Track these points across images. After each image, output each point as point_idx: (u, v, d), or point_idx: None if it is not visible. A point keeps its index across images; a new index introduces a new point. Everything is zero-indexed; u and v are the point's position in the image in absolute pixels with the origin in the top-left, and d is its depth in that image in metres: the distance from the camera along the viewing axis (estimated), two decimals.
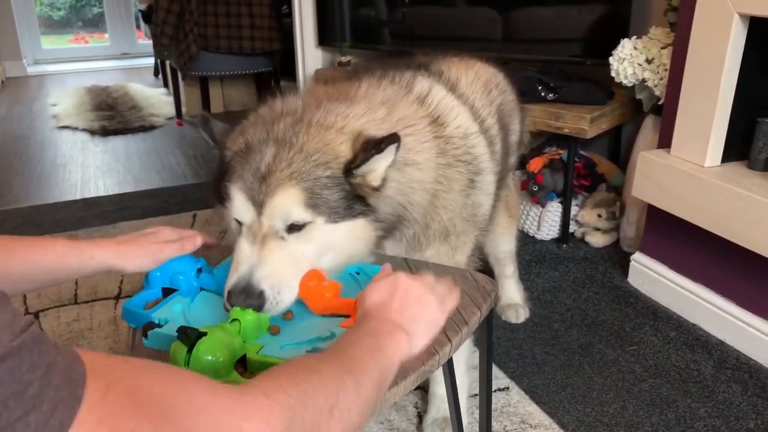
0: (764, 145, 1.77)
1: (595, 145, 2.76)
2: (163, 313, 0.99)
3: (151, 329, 0.95)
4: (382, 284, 0.88)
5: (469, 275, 1.17)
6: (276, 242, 1.01)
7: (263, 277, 0.97)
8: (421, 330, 0.84)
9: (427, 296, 0.87)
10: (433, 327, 0.86)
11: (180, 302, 1.02)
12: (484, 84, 1.51)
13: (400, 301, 0.85)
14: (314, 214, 1.01)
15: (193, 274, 1.07)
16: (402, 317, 0.83)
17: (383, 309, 0.84)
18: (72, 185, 3.40)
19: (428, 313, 0.86)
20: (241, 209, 1.02)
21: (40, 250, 0.95)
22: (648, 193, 1.98)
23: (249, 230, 1.02)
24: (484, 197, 1.35)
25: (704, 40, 1.77)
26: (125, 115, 4.71)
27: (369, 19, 3.44)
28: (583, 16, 2.50)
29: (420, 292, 0.87)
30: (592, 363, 1.81)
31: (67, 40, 7.82)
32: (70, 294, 2.19)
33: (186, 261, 1.09)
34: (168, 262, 1.07)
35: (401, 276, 0.88)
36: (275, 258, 1.00)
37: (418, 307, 0.85)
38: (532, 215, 2.55)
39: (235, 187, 1.03)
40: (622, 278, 2.25)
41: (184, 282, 1.06)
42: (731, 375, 1.75)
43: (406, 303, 0.85)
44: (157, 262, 1.04)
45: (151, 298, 1.06)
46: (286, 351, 0.89)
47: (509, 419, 1.59)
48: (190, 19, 3.91)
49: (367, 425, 1.56)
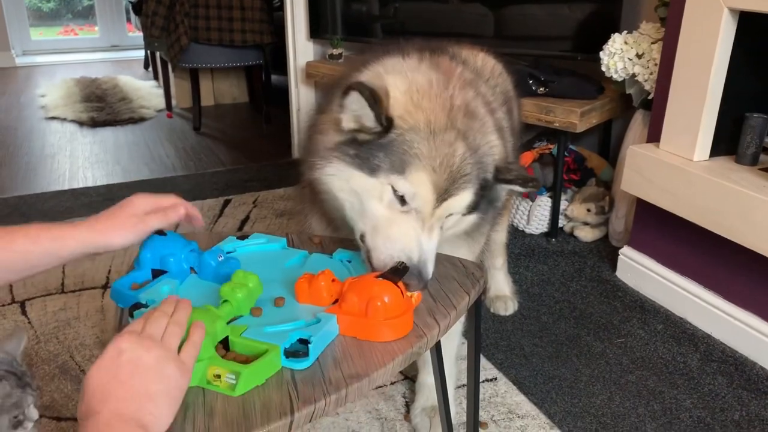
0: (752, 139, 1.78)
1: (585, 139, 2.77)
2: (150, 294, 0.99)
3: (137, 309, 0.94)
4: (105, 360, 0.73)
5: (458, 262, 1.17)
6: (438, 231, 1.08)
7: (432, 266, 1.05)
8: (162, 408, 0.72)
9: (162, 365, 0.74)
10: (177, 397, 0.75)
11: (168, 284, 1.02)
12: (492, 72, 1.52)
13: (127, 383, 0.71)
14: (466, 208, 1.10)
15: (183, 257, 1.07)
16: (137, 404, 0.70)
17: (110, 397, 0.70)
18: (60, 176, 3.37)
19: (169, 386, 0.73)
20: (425, 199, 1.04)
21: (11, 235, 0.92)
22: (636, 186, 1.99)
23: (418, 214, 1.05)
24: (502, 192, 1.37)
25: (694, 35, 1.78)
26: (114, 106, 4.68)
27: (361, 13, 3.43)
28: (574, 11, 2.51)
29: (152, 362, 0.73)
30: (580, 355, 1.82)
31: (56, 32, 7.76)
32: (57, 283, 2.17)
33: (177, 243, 1.08)
34: (159, 244, 1.07)
35: (123, 345, 0.74)
36: (436, 246, 1.07)
37: (155, 382, 0.72)
38: (521, 209, 2.56)
39: (423, 175, 1.03)
40: (610, 272, 2.26)
41: (173, 264, 1.06)
42: (717, 367, 1.76)
43: (138, 382, 0.72)
44: (143, 234, 1.01)
45: (140, 279, 1.05)
46: (270, 334, 0.89)
47: (496, 409, 1.59)
48: (180, 11, 3.89)
49: (354, 414, 1.56)
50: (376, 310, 0.91)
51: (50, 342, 1.85)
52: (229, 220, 2.74)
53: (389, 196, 1.05)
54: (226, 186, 3.14)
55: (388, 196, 1.05)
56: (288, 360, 0.86)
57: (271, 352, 0.84)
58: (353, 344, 0.91)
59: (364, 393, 0.86)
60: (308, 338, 0.87)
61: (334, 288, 0.98)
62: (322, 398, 0.80)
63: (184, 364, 0.77)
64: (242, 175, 3.30)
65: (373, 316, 0.91)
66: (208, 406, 0.79)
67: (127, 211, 1.01)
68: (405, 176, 1.03)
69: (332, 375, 0.84)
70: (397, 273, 0.98)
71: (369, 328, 0.92)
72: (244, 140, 4.03)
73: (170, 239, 1.08)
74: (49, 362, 1.75)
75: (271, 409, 0.78)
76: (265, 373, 0.83)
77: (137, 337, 0.76)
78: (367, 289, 0.93)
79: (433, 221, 1.06)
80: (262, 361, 0.83)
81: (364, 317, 0.92)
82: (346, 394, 0.82)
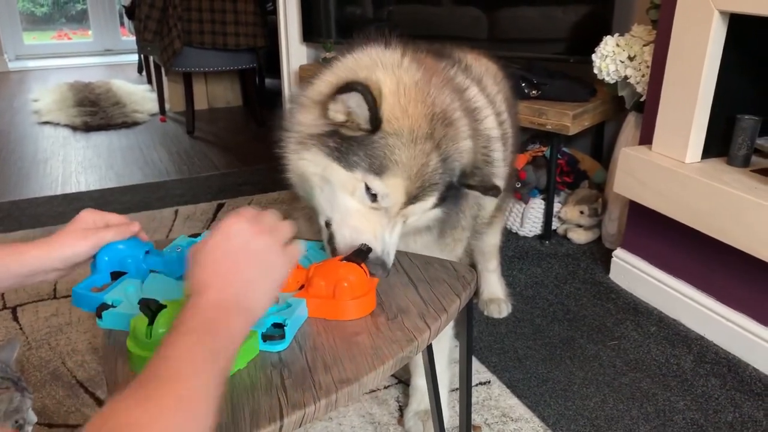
0: (743, 141, 1.78)
1: (578, 142, 2.78)
2: (115, 294, 0.99)
3: (105, 310, 0.95)
4: (214, 242, 0.77)
5: (449, 265, 1.17)
6: (400, 226, 1.14)
7: (393, 256, 1.12)
8: (263, 293, 0.78)
9: (268, 250, 0.78)
10: (276, 284, 0.80)
11: (132, 284, 1.03)
12: (493, 78, 1.52)
13: (233, 268, 0.76)
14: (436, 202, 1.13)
15: (142, 257, 1.07)
16: (236, 288, 0.75)
17: (215, 283, 0.75)
18: (53, 181, 3.36)
19: (271, 272, 0.78)
20: (395, 201, 1.09)
21: None
22: (629, 189, 1.99)
23: (386, 211, 1.10)
24: (489, 201, 1.37)
25: (685, 37, 1.78)
26: (108, 111, 4.67)
27: (354, 16, 3.43)
28: (567, 14, 2.51)
29: (260, 246, 0.78)
30: (574, 357, 1.82)
31: (50, 37, 7.75)
32: (49, 289, 2.16)
33: (133, 245, 1.08)
34: (115, 247, 1.06)
35: (235, 226, 0.78)
36: (397, 239, 1.14)
37: (258, 267, 0.77)
38: (515, 212, 2.56)
39: (399, 181, 1.07)
40: (603, 274, 2.26)
41: (132, 264, 1.06)
42: (710, 369, 1.76)
43: (243, 264, 0.76)
44: (97, 243, 1.00)
45: (98, 282, 1.05)
46: None
47: (490, 413, 1.59)
48: (173, 15, 3.88)
49: (348, 419, 1.55)
50: (343, 291, 0.97)
51: (42, 348, 1.84)
52: None
53: (361, 191, 1.09)
54: (220, 190, 3.14)
55: (360, 191, 1.09)
56: (266, 344, 0.90)
57: (250, 336, 0.88)
58: (344, 348, 0.91)
59: (354, 397, 0.86)
60: (283, 322, 0.91)
61: (299, 274, 1.02)
62: (311, 403, 0.79)
63: (288, 254, 0.82)
64: (236, 179, 3.30)
65: (340, 297, 0.97)
66: None
67: (78, 225, 1.01)
68: (381, 178, 1.07)
69: (322, 379, 0.84)
70: (360, 255, 1.04)
71: (336, 308, 0.97)
72: (238, 144, 4.02)
73: (126, 242, 1.08)
74: (40, 368, 1.74)
75: (260, 415, 0.77)
76: (245, 357, 0.87)
77: (248, 222, 0.80)
78: (333, 272, 0.99)
79: (397, 218, 1.12)
80: (243, 345, 0.83)
81: (331, 299, 0.97)
82: (336, 398, 0.82)
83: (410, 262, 1.18)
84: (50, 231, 2.62)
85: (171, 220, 2.74)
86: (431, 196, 1.10)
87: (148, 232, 2.47)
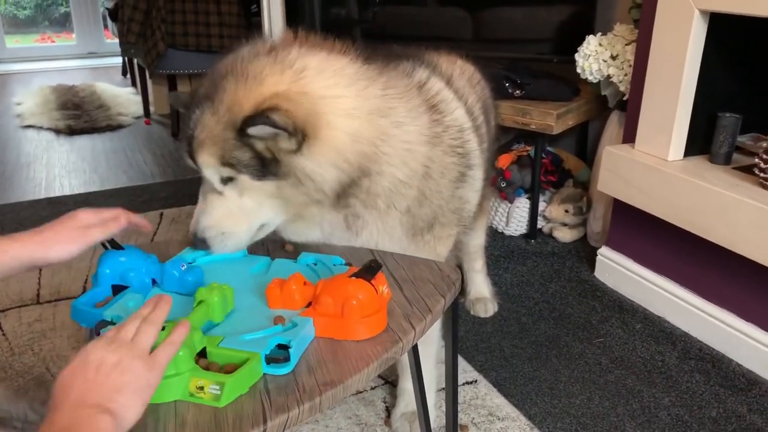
0: (725, 139, 1.80)
1: (563, 141, 2.79)
2: (115, 310, 0.96)
3: (104, 327, 0.91)
4: (73, 365, 0.75)
5: (434, 265, 1.17)
6: (214, 196, 1.14)
7: (204, 227, 1.14)
8: (129, 399, 0.72)
9: (126, 362, 0.74)
10: (143, 389, 0.74)
11: (133, 299, 1.00)
12: (468, 80, 1.53)
13: (94, 379, 0.72)
14: (235, 171, 1.10)
15: (145, 270, 1.05)
16: (102, 394, 0.71)
17: (77, 392, 0.71)
18: (36, 185, 3.33)
19: (134, 379, 0.74)
20: (189, 165, 1.15)
21: None
22: (613, 187, 2.00)
23: (203, 182, 1.16)
24: (471, 193, 1.36)
25: (666, 36, 1.80)
26: (92, 114, 4.63)
27: (340, 18, 3.42)
28: (550, 14, 2.52)
29: (116, 360, 0.74)
30: (560, 356, 1.83)
31: (33, 40, 7.67)
32: (32, 294, 2.14)
33: (136, 257, 1.07)
34: (117, 259, 1.05)
35: (91, 349, 0.76)
36: (213, 210, 1.14)
37: (120, 375, 0.73)
38: (500, 211, 2.57)
39: (181, 145, 1.16)
40: (589, 272, 2.28)
41: (135, 278, 1.04)
42: (694, 365, 1.78)
43: (103, 377, 0.73)
44: (85, 246, 0.99)
45: (100, 296, 1.03)
46: (248, 342, 0.88)
47: (477, 412, 1.59)
48: (157, 17, 3.86)
49: (335, 420, 1.55)
50: (352, 309, 0.92)
51: (25, 354, 1.82)
52: None
53: None
54: None
55: None
56: (269, 366, 0.85)
57: (252, 359, 0.84)
58: (328, 350, 0.91)
59: (338, 400, 0.86)
60: (287, 343, 0.87)
61: (306, 291, 0.99)
62: (295, 406, 0.79)
63: (154, 360, 0.76)
64: None
65: (348, 315, 0.92)
66: (179, 417, 0.78)
67: (69, 224, 0.99)
68: None
69: (306, 382, 0.83)
70: (370, 271, 0.98)
71: (345, 327, 0.92)
72: None
73: (128, 253, 1.06)
74: (23, 374, 1.73)
75: (243, 419, 0.77)
76: (248, 381, 0.83)
77: (105, 342, 0.76)
78: (341, 289, 0.94)
79: (206, 188, 1.16)
80: (244, 369, 0.82)
81: (340, 318, 0.92)
82: (320, 401, 0.81)
83: (395, 263, 1.18)
84: None
85: (156, 223, 2.72)
86: (201, 147, 1.10)
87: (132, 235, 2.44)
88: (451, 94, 1.33)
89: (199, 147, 1.10)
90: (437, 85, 1.30)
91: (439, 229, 1.30)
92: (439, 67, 1.42)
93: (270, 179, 1.10)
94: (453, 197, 1.30)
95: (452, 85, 1.38)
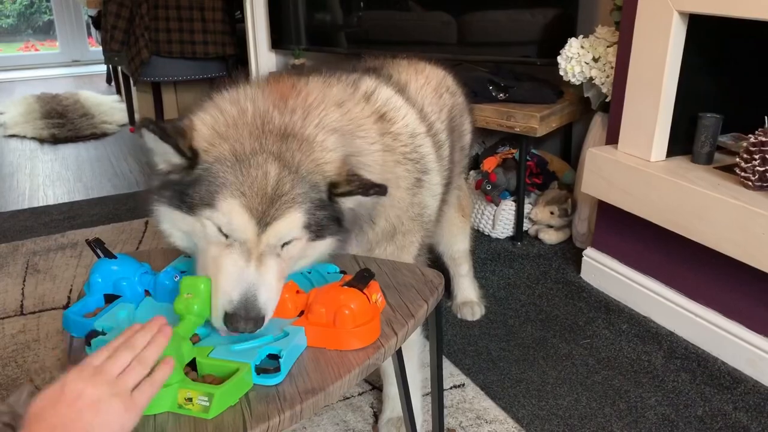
0: (706, 139, 1.81)
1: (547, 143, 2.80)
2: (106, 320, 0.95)
3: (94, 338, 0.91)
4: (49, 392, 0.72)
5: (417, 270, 1.17)
6: (273, 260, 0.98)
7: (267, 299, 0.95)
8: None
9: (105, 400, 0.71)
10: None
11: (124, 308, 0.99)
12: (434, 88, 1.53)
13: (65, 415, 0.69)
14: (305, 232, 1.00)
15: (137, 280, 1.05)
16: None
17: (43, 423, 0.69)
18: (19, 195, 3.30)
19: (108, 421, 0.71)
20: (242, 227, 0.96)
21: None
22: (597, 188, 2.01)
23: (243, 246, 0.96)
24: (430, 198, 1.36)
25: (646, 38, 1.81)
26: (76, 122, 4.60)
27: (324, 23, 3.42)
28: (534, 17, 2.53)
29: (94, 396, 0.71)
30: (547, 357, 1.83)
31: (16, 48, 7.62)
32: (16, 305, 2.12)
33: (128, 266, 1.06)
34: (108, 267, 1.04)
35: (72, 378, 0.73)
36: (273, 278, 0.97)
37: (93, 416, 0.70)
38: (486, 214, 2.57)
39: (235, 203, 0.96)
40: (575, 274, 2.28)
41: (127, 287, 1.03)
42: (680, 364, 1.78)
43: (75, 414, 0.70)
44: None
45: (91, 306, 1.02)
46: (238, 352, 0.88)
47: (464, 415, 1.59)
48: (141, 24, 3.84)
49: (322, 427, 1.55)
50: (344, 319, 0.91)
51: (8, 366, 1.80)
52: None
53: (212, 231, 0.98)
54: None
55: (211, 231, 0.99)
56: (260, 377, 0.85)
57: (242, 370, 0.83)
58: (309, 358, 0.90)
59: (320, 408, 0.85)
60: (278, 353, 0.87)
61: (299, 300, 0.98)
62: (276, 415, 0.79)
63: (134, 402, 0.73)
64: None
65: (341, 325, 0.91)
66: (158, 429, 0.77)
67: None
68: (215, 206, 0.97)
69: (287, 390, 0.83)
70: (363, 280, 0.97)
71: (337, 337, 0.92)
72: None
73: (121, 262, 1.05)
74: (7, 387, 1.71)
75: (223, 429, 0.77)
76: (237, 392, 0.82)
77: (88, 372, 0.74)
78: (333, 298, 0.93)
79: (262, 250, 0.97)
80: (234, 380, 0.82)
81: (332, 327, 0.92)
82: (301, 410, 0.81)
83: (378, 268, 1.17)
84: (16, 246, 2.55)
85: (141, 232, 2.71)
86: (289, 211, 0.98)
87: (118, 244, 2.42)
88: (401, 101, 1.32)
89: (291, 206, 0.98)
90: (385, 94, 1.29)
91: (401, 238, 1.29)
92: (395, 78, 1.43)
93: (320, 240, 1.05)
94: (412, 204, 1.29)
95: (405, 92, 1.38)
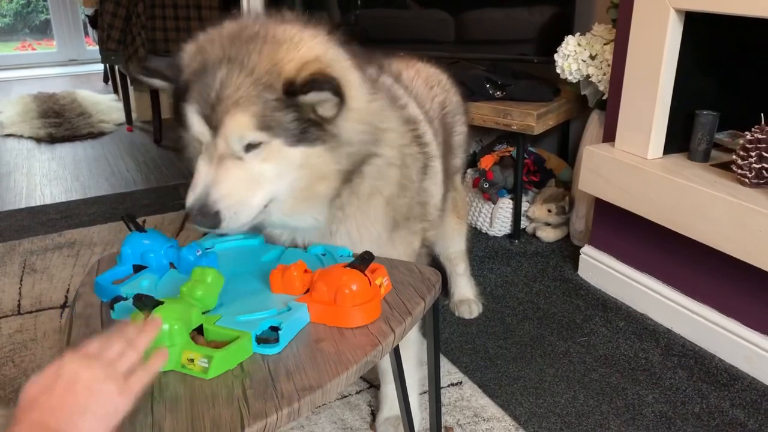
0: (703, 136, 1.82)
1: (544, 141, 2.80)
2: (130, 287, 1.04)
3: (117, 302, 1.00)
4: (45, 374, 0.73)
5: (415, 268, 1.17)
6: (232, 162, 1.03)
7: (219, 197, 1.01)
8: (91, 424, 0.70)
9: (99, 382, 0.72)
10: (109, 415, 0.72)
11: (148, 278, 1.07)
12: (424, 80, 1.55)
13: (60, 396, 0.70)
14: (269, 135, 1.02)
15: (163, 253, 1.13)
16: (63, 418, 0.69)
17: (40, 410, 0.69)
18: (16, 194, 3.29)
19: (101, 403, 0.71)
20: (198, 131, 1.04)
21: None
22: (594, 186, 2.01)
23: (207, 150, 1.04)
24: (434, 186, 1.40)
25: (643, 36, 1.81)
26: (73, 122, 4.59)
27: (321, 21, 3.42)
28: (531, 15, 2.53)
29: (89, 378, 0.72)
30: (544, 355, 1.83)
31: (13, 48, 7.60)
32: (13, 304, 2.11)
33: (157, 239, 1.14)
34: (139, 240, 1.14)
35: (68, 360, 0.74)
36: (231, 178, 1.02)
37: (87, 397, 0.71)
38: (484, 212, 2.57)
39: (191, 110, 1.04)
40: (572, 271, 2.29)
41: (153, 259, 1.12)
42: (678, 362, 1.79)
43: (70, 396, 0.70)
44: None
45: (121, 274, 1.11)
46: (242, 323, 0.94)
47: (462, 413, 1.59)
48: (137, 23, 3.84)
49: (319, 426, 1.55)
50: (344, 297, 0.97)
51: (6, 366, 1.80)
52: (191, 233, 2.70)
53: (193, 139, 1.08)
54: None
55: (193, 139, 1.08)
56: (259, 346, 0.91)
57: (242, 337, 0.89)
58: (307, 355, 0.90)
59: (317, 405, 0.85)
60: (279, 325, 0.92)
61: (306, 278, 1.04)
62: (273, 413, 0.79)
63: (128, 386, 0.74)
64: None
65: (341, 303, 0.97)
66: (156, 424, 0.77)
67: None
68: (186, 118, 1.06)
69: (284, 388, 0.83)
70: (363, 262, 1.02)
71: (338, 314, 0.97)
72: None
73: (150, 236, 1.15)
74: (4, 387, 1.71)
75: (221, 426, 0.77)
76: (237, 357, 0.88)
77: (84, 357, 0.75)
78: (335, 278, 0.99)
79: (222, 151, 1.03)
80: (234, 345, 0.88)
81: (333, 305, 0.98)
82: (298, 407, 0.81)
83: None
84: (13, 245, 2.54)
85: None
86: (233, 114, 1.00)
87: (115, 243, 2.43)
88: (401, 90, 1.37)
89: (232, 108, 1.00)
90: (388, 80, 1.34)
91: (412, 222, 1.32)
92: (387, 67, 1.46)
93: (303, 146, 1.05)
94: (420, 189, 1.33)
95: (400, 81, 1.43)
